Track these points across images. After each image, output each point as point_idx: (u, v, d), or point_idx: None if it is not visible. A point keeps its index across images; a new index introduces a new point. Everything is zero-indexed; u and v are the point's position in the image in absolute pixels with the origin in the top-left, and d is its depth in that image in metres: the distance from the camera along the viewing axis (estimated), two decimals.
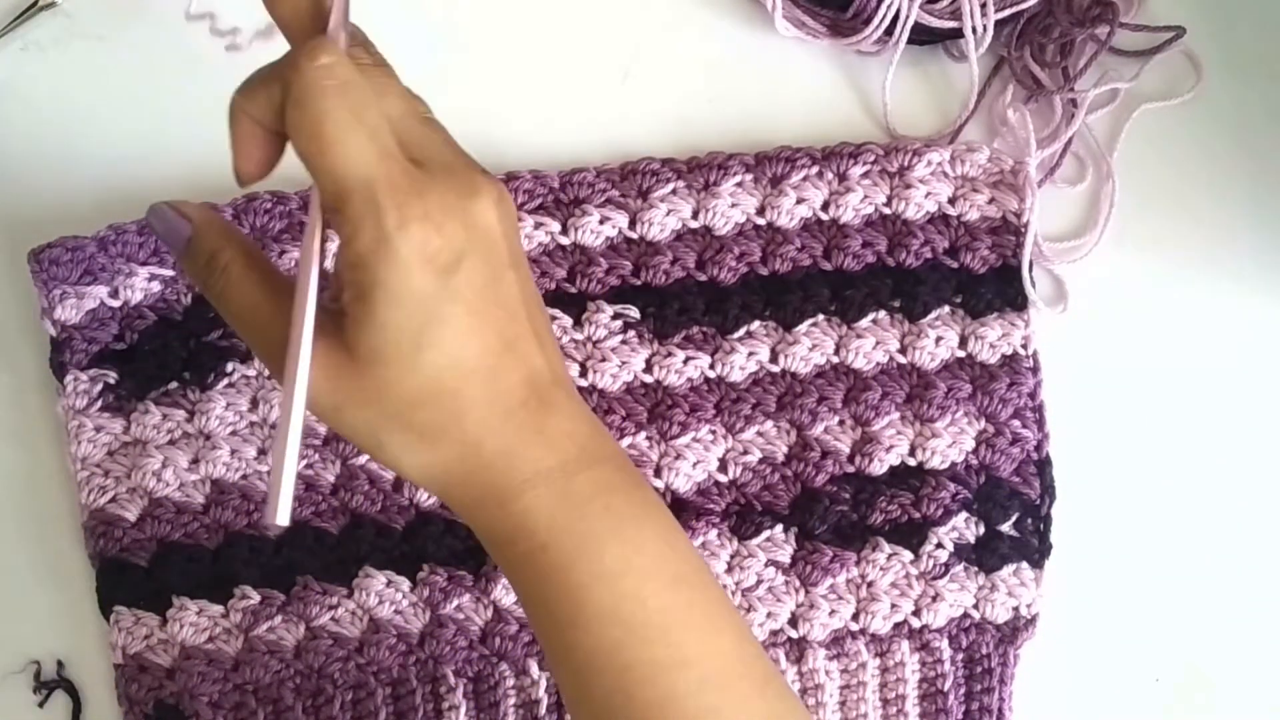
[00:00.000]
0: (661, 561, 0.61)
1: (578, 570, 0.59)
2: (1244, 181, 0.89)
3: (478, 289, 0.56)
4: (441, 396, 0.57)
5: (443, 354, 0.56)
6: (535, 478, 0.59)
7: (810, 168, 0.85)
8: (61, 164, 0.87)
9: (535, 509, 0.59)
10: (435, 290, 0.55)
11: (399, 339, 0.55)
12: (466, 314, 0.56)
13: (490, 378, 0.57)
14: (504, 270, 0.58)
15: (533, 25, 0.90)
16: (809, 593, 0.83)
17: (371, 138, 0.55)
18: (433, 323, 0.55)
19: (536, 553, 0.59)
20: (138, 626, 0.81)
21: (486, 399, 0.58)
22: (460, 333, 0.56)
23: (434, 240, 0.54)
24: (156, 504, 0.82)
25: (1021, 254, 0.85)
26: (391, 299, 0.54)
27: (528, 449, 0.59)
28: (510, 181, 0.84)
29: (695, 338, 0.84)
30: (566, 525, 0.59)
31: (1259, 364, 0.88)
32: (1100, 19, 0.86)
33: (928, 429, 0.84)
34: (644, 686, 0.59)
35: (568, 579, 0.59)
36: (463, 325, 0.56)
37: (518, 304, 0.58)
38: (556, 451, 0.59)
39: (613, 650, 0.59)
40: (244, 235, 0.61)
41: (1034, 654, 0.85)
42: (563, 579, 0.59)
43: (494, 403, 0.58)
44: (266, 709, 0.82)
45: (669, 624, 0.59)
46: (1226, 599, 0.86)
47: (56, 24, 0.88)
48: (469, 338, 0.56)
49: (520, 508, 0.59)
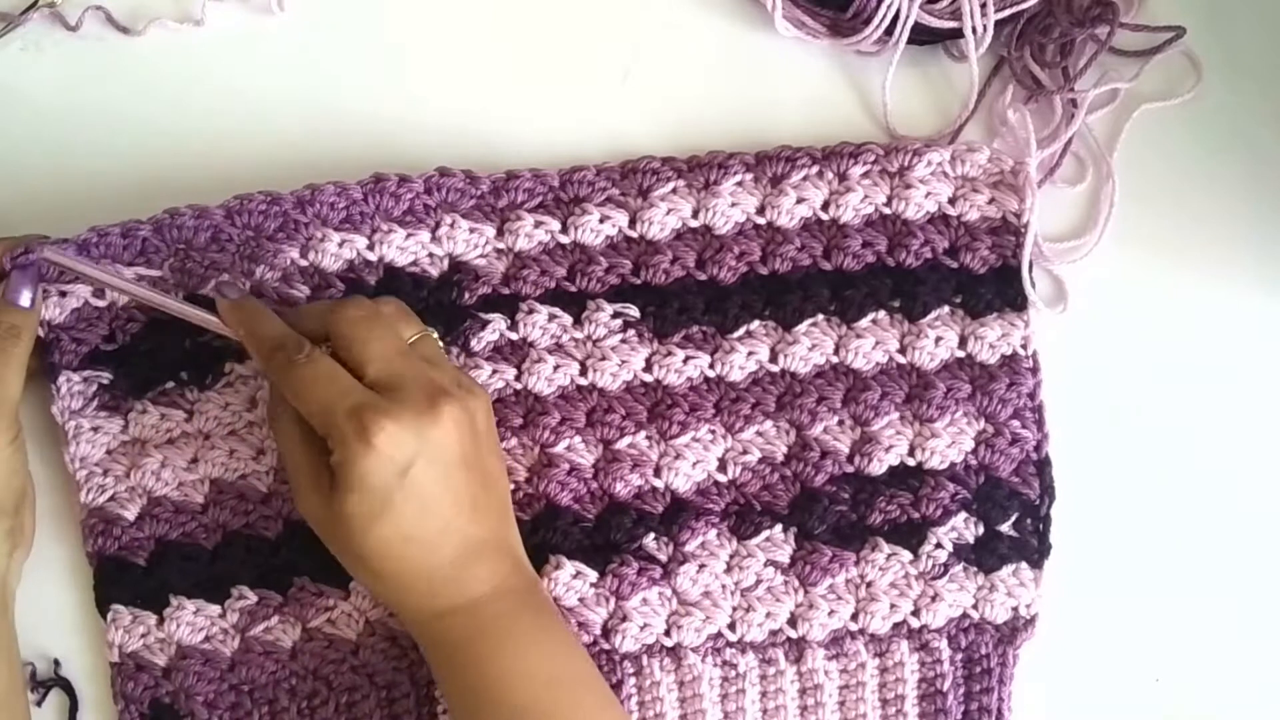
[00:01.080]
0: (545, 662, 0.77)
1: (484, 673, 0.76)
2: (1244, 181, 0.89)
3: (427, 485, 0.74)
4: (387, 557, 0.75)
5: (391, 529, 0.74)
6: (454, 610, 0.76)
7: (810, 167, 0.85)
8: (60, 164, 0.87)
9: (453, 629, 0.76)
10: (390, 486, 0.73)
11: (361, 514, 0.73)
12: (412, 503, 0.73)
13: (427, 547, 0.75)
14: (453, 470, 0.75)
15: (533, 25, 0.90)
16: (808, 593, 0.83)
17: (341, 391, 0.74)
18: (387, 508, 0.73)
19: (455, 656, 0.77)
20: (135, 625, 0.81)
21: (421, 558, 0.75)
22: (406, 517, 0.74)
23: (387, 451, 0.72)
24: (155, 503, 0.82)
25: (1021, 254, 0.84)
26: (356, 488, 0.73)
27: (450, 591, 0.76)
28: (510, 180, 0.84)
29: (695, 337, 0.84)
30: (474, 642, 0.76)
31: (1259, 363, 0.88)
32: (1100, 19, 0.86)
33: (927, 429, 0.84)
34: None
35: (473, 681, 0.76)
36: (409, 511, 0.73)
37: (461, 492, 0.76)
38: (474, 588, 0.77)
39: None
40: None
41: (1033, 654, 0.84)
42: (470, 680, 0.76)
43: (427, 561, 0.75)
44: (262, 709, 0.82)
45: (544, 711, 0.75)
46: (1227, 599, 0.86)
47: (56, 24, 0.88)
48: (414, 519, 0.74)
49: (442, 626, 0.76)
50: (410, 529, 0.74)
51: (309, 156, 0.86)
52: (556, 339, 0.84)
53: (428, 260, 0.84)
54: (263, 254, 0.82)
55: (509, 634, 0.76)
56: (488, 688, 0.75)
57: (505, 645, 0.76)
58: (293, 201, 0.83)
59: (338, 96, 0.88)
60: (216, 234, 0.82)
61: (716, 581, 0.83)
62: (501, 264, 0.84)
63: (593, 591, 0.83)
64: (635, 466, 0.83)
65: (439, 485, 0.74)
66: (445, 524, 0.75)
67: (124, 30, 0.88)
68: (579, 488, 0.83)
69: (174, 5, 0.88)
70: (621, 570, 0.82)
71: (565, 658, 0.78)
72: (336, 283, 0.83)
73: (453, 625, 0.76)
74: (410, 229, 0.83)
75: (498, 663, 0.75)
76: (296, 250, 0.83)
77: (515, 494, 0.83)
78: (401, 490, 0.73)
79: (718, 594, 0.83)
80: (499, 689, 0.75)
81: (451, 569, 0.76)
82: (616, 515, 0.83)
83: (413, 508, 0.73)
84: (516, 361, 0.84)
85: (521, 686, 0.75)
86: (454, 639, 0.76)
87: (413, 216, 0.84)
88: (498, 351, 0.84)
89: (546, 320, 0.84)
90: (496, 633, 0.76)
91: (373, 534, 0.73)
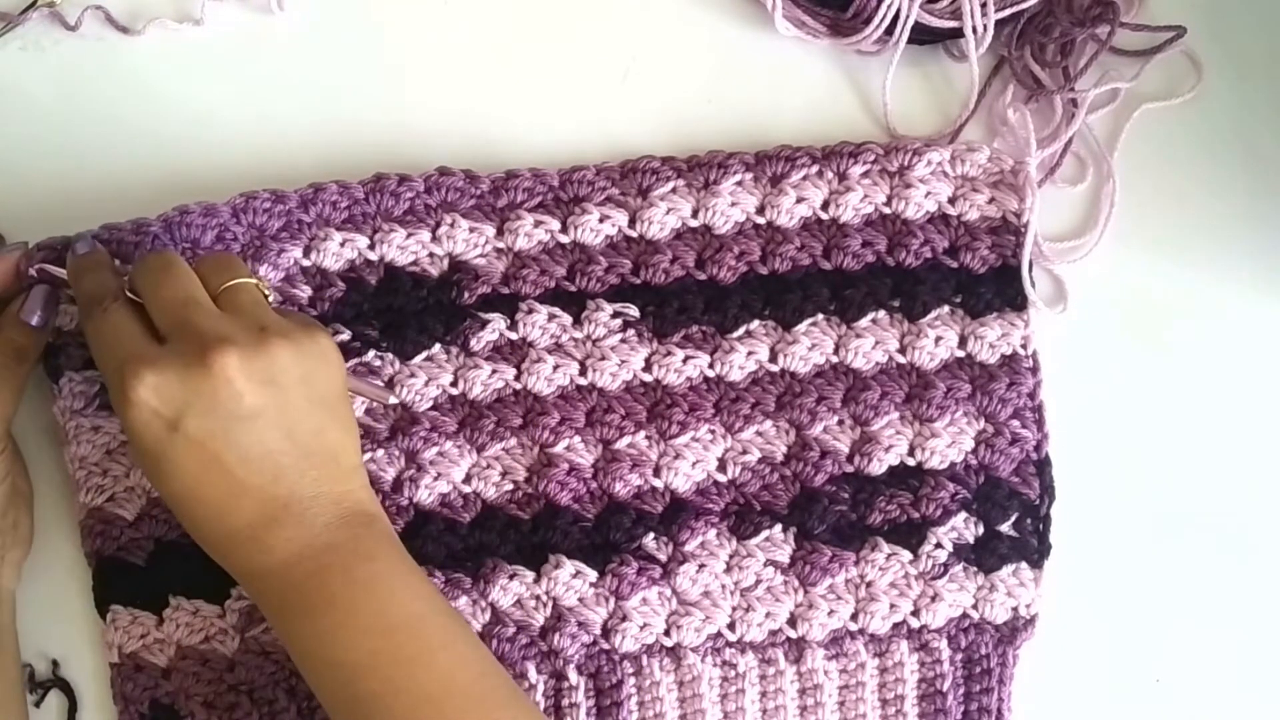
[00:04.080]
0: (373, 617, 0.72)
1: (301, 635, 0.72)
2: (1244, 181, 0.89)
3: (204, 440, 0.69)
4: (181, 514, 0.72)
5: (174, 486, 0.70)
6: (258, 574, 0.72)
7: (810, 167, 0.85)
8: (59, 164, 0.87)
9: (262, 594, 0.73)
10: (160, 441, 0.69)
11: (145, 470, 0.71)
12: (189, 460, 0.70)
13: (216, 506, 0.71)
14: (239, 424, 0.70)
15: (533, 25, 0.90)
16: (808, 593, 0.83)
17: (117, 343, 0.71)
18: (161, 463, 0.70)
19: (274, 617, 0.73)
20: (134, 626, 0.81)
21: (214, 520, 0.71)
22: (185, 474, 0.70)
23: (150, 405, 0.69)
24: (154, 503, 0.81)
25: (1021, 254, 0.84)
26: (132, 444, 0.70)
27: (250, 555, 0.72)
28: (510, 180, 0.84)
29: (695, 337, 0.84)
30: (285, 606, 0.72)
31: (1259, 364, 0.88)
32: (1100, 19, 0.86)
33: (927, 429, 0.84)
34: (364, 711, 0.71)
35: (293, 645, 0.72)
36: (188, 468, 0.70)
37: (253, 449, 0.71)
38: (275, 554, 0.72)
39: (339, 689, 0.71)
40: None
41: (1033, 654, 0.84)
42: (291, 644, 0.73)
43: (220, 522, 0.71)
44: (261, 710, 0.81)
45: (378, 663, 0.71)
46: (1227, 599, 0.86)
47: (56, 24, 0.88)
48: (195, 478, 0.70)
49: (253, 590, 0.73)
50: (193, 488, 0.70)
51: (309, 156, 0.86)
52: (556, 339, 0.84)
53: (428, 260, 0.84)
54: (266, 253, 0.82)
55: (328, 595, 0.72)
56: (318, 649, 0.71)
57: (326, 608, 0.71)
58: (297, 200, 0.83)
59: (337, 96, 0.88)
60: (222, 233, 0.82)
61: (716, 581, 0.83)
62: (501, 263, 0.84)
63: (592, 591, 0.82)
64: (635, 466, 0.83)
65: (219, 441, 0.69)
66: (235, 484, 0.70)
67: (123, 30, 0.88)
68: (578, 487, 0.83)
69: (173, 5, 0.88)
70: (621, 570, 0.82)
71: (402, 604, 0.73)
72: (338, 282, 0.83)
73: (265, 589, 0.72)
74: (411, 228, 0.83)
75: (321, 621, 0.71)
76: (300, 250, 0.83)
77: (515, 493, 0.83)
78: (174, 446, 0.69)
79: (717, 594, 0.83)
80: (329, 649, 0.71)
81: (250, 531, 0.71)
82: (616, 515, 0.83)
83: (192, 465, 0.69)
84: (516, 361, 0.83)
85: (351, 643, 0.71)
86: (270, 603, 0.73)
87: (413, 216, 0.84)
88: (497, 351, 0.84)
89: (546, 320, 0.84)
90: (313, 596, 0.72)
91: (162, 491, 0.71)
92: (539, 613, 0.82)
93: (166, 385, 0.69)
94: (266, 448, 0.71)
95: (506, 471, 0.83)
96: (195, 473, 0.70)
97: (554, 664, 0.82)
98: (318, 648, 0.71)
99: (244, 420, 0.70)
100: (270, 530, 0.71)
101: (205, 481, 0.70)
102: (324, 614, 0.71)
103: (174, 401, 0.69)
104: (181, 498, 0.71)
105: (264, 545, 0.71)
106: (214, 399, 0.69)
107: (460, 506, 0.83)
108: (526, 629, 0.82)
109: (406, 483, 0.82)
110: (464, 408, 0.83)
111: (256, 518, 0.71)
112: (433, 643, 0.73)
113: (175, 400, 0.69)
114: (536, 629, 0.82)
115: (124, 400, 0.69)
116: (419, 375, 0.83)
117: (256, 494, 0.71)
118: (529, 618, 0.82)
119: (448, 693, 0.71)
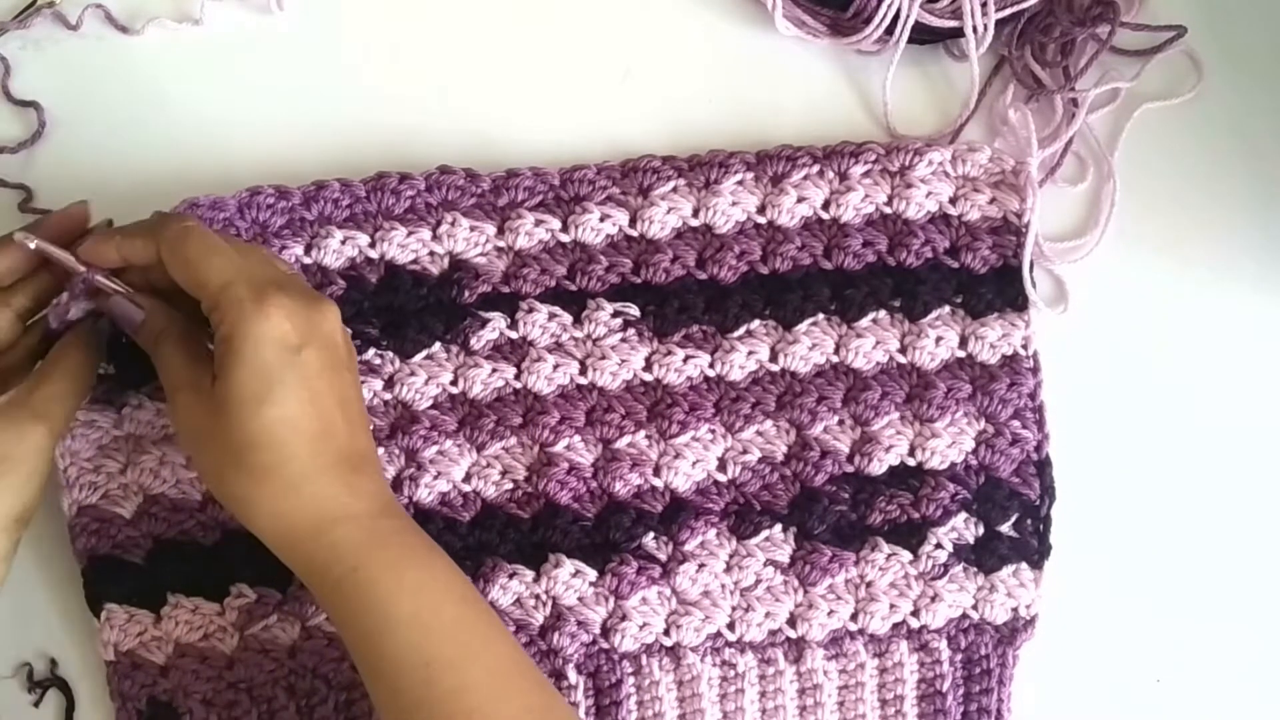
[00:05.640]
0: (451, 585, 0.73)
1: (384, 586, 0.71)
2: (1244, 181, 0.89)
3: (316, 372, 0.71)
4: (272, 444, 0.70)
5: (278, 411, 0.70)
6: (345, 517, 0.71)
7: (811, 166, 0.85)
8: (59, 163, 0.87)
9: (346, 540, 0.71)
10: (280, 362, 0.70)
11: (244, 393, 0.69)
12: (302, 387, 0.70)
13: (313, 440, 0.71)
14: (340, 369, 0.73)
15: (534, 25, 0.90)
16: (808, 593, 0.83)
17: (229, 259, 0.71)
18: (274, 385, 0.70)
19: (348, 575, 0.71)
20: (131, 624, 0.81)
21: (309, 454, 0.71)
22: (295, 399, 0.70)
23: (283, 325, 0.70)
24: (153, 500, 0.81)
25: (1022, 254, 0.84)
26: (244, 362, 0.69)
27: (339, 495, 0.72)
28: (511, 179, 0.84)
29: (695, 336, 0.84)
30: (372, 552, 0.71)
31: (1259, 364, 0.88)
32: (1101, 18, 0.86)
33: (927, 429, 0.84)
34: (443, 677, 0.70)
35: (375, 593, 0.71)
36: (298, 394, 0.70)
37: (348, 396, 0.73)
38: (363, 501, 0.72)
39: (415, 649, 0.70)
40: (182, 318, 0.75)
41: (1033, 655, 0.84)
42: (371, 594, 0.71)
43: (315, 458, 0.71)
44: (260, 708, 0.81)
45: (460, 629, 0.72)
46: (1227, 599, 0.86)
47: (56, 24, 0.88)
48: (302, 405, 0.70)
49: (332, 539, 0.71)
50: (297, 416, 0.70)
51: (308, 156, 0.86)
52: (556, 338, 0.84)
53: (428, 258, 0.84)
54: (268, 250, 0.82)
55: (416, 550, 0.73)
56: (399, 604, 0.70)
57: (409, 564, 0.72)
58: (300, 197, 0.83)
59: (337, 96, 0.88)
60: (226, 228, 0.82)
61: (716, 581, 0.83)
62: (502, 262, 0.84)
63: (592, 590, 0.82)
64: (635, 466, 0.83)
65: (325, 380, 0.71)
66: (330, 424, 0.72)
67: (123, 30, 0.88)
68: (578, 487, 0.83)
69: (173, 5, 0.88)
70: (621, 569, 0.82)
71: (468, 583, 0.75)
72: (338, 279, 0.83)
73: (348, 535, 0.71)
74: (411, 227, 0.83)
75: (406, 575, 0.71)
76: (301, 247, 0.83)
77: (515, 493, 0.83)
78: (292, 368, 0.70)
79: (717, 593, 0.83)
80: (410, 605, 0.71)
81: (339, 472, 0.72)
82: (616, 514, 0.83)
83: (302, 394, 0.70)
84: (516, 360, 0.83)
85: (433, 604, 0.71)
86: (349, 550, 0.71)
87: (414, 214, 0.84)
88: (497, 350, 0.83)
89: (546, 319, 0.84)
90: (401, 545, 0.72)
91: (260, 417, 0.69)
92: (539, 612, 0.82)
93: (297, 312, 0.71)
94: (356, 400, 0.74)
95: (506, 470, 0.83)
96: (304, 400, 0.70)
97: (553, 663, 0.82)
98: (399, 602, 0.71)
99: (344, 370, 0.73)
100: (358, 476, 0.73)
101: (308, 413, 0.71)
102: (408, 569, 0.72)
103: (301, 329, 0.71)
104: (281, 426, 0.70)
105: (354, 489, 0.72)
106: (330, 340, 0.72)
107: (460, 505, 0.83)
108: (526, 628, 0.82)
109: (406, 481, 0.82)
110: (464, 406, 0.83)
111: (345, 461, 0.72)
112: (496, 620, 0.74)
113: (301, 328, 0.71)
114: (536, 628, 0.82)
115: (261, 313, 0.69)
116: (419, 374, 0.83)
117: (346, 439, 0.72)
118: (528, 617, 0.82)
119: (519, 669, 0.73)
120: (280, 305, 0.70)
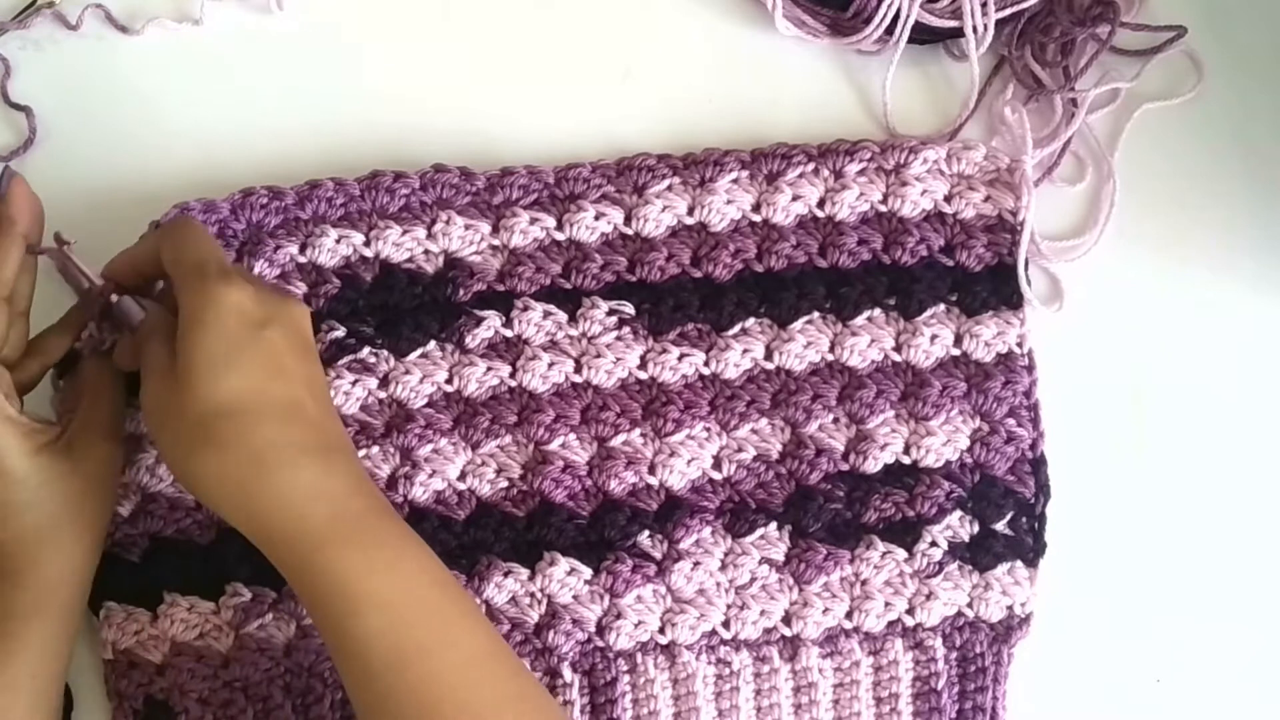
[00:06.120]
0: (424, 569, 0.71)
1: (354, 565, 0.68)
2: (1244, 181, 0.89)
3: (281, 350, 0.71)
4: (234, 412, 0.69)
5: (240, 380, 0.69)
6: (315, 493, 0.69)
7: (806, 164, 0.85)
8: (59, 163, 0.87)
9: (314, 515, 0.69)
10: (243, 332, 0.70)
11: (208, 361, 0.69)
12: (268, 360, 0.70)
13: (281, 410, 0.70)
14: (308, 357, 0.73)
15: (533, 24, 0.90)
16: (803, 590, 0.83)
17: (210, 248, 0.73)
18: (238, 354, 0.69)
19: (315, 552, 0.68)
20: (129, 622, 0.81)
21: (277, 426, 0.69)
22: (260, 369, 0.70)
23: (246, 301, 0.70)
24: (150, 499, 0.82)
25: (1017, 252, 0.84)
26: (206, 329, 0.69)
27: (309, 471, 0.70)
28: (505, 177, 0.84)
29: (690, 334, 0.84)
30: (343, 531, 0.69)
31: (1257, 363, 0.87)
32: (1101, 18, 0.86)
33: (922, 427, 0.84)
34: (414, 663, 0.68)
35: (345, 573, 0.68)
36: (264, 365, 0.70)
37: (317, 381, 0.73)
38: (335, 479, 0.70)
39: (386, 633, 0.68)
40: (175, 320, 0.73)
41: (1029, 653, 0.84)
42: (341, 574, 0.68)
43: (283, 431, 0.70)
44: (256, 706, 0.81)
45: (432, 614, 0.69)
46: (1227, 599, 0.86)
47: (56, 24, 0.88)
48: (268, 376, 0.70)
49: (299, 513, 0.69)
50: (262, 386, 0.69)
51: (307, 155, 0.87)
52: (551, 336, 0.84)
53: (423, 257, 0.84)
54: (263, 249, 0.82)
55: (389, 531, 0.71)
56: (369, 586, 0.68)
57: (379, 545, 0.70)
58: (294, 197, 0.83)
59: (335, 95, 0.88)
60: (222, 229, 0.82)
61: (711, 579, 0.83)
62: (497, 261, 0.84)
63: (587, 589, 0.82)
64: (630, 464, 0.83)
65: (291, 359, 0.71)
66: (298, 402, 0.71)
67: (123, 30, 0.88)
68: (573, 485, 0.83)
69: (173, 5, 0.89)
70: (616, 567, 0.82)
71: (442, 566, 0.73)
72: (333, 278, 0.83)
73: (316, 512, 0.69)
74: (406, 225, 0.84)
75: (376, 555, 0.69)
76: (295, 246, 0.83)
77: (510, 491, 0.83)
78: (256, 341, 0.70)
79: (712, 591, 0.83)
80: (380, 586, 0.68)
81: (311, 449, 0.71)
82: (611, 512, 0.83)
83: (268, 365, 0.70)
84: (511, 358, 0.83)
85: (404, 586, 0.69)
86: (319, 527, 0.69)
87: (409, 213, 0.84)
88: (492, 348, 0.84)
89: (541, 317, 0.84)
90: (374, 525, 0.70)
91: (223, 382, 0.68)
92: (534, 610, 0.82)
93: (258, 296, 0.71)
94: (325, 390, 0.75)
95: (501, 469, 0.83)
96: (270, 371, 0.70)
97: (548, 661, 0.82)
98: (368, 584, 0.68)
99: (313, 361, 0.74)
100: (329, 456, 0.71)
101: (275, 385, 0.70)
102: (377, 549, 0.69)
103: (263, 308, 0.71)
104: (246, 390, 0.69)
105: (326, 467, 0.71)
106: (297, 327, 0.73)
107: (455, 504, 0.83)
108: (521, 626, 0.82)
109: (401, 480, 0.82)
110: (459, 405, 0.83)
111: (315, 439, 0.71)
112: (472, 607, 0.73)
113: (264, 308, 0.71)
114: (531, 626, 0.82)
115: (226, 284, 0.70)
116: (414, 372, 0.83)
117: (315, 419, 0.72)
118: (523, 615, 0.82)
119: (494, 656, 0.71)
120: (245, 286, 0.71)
